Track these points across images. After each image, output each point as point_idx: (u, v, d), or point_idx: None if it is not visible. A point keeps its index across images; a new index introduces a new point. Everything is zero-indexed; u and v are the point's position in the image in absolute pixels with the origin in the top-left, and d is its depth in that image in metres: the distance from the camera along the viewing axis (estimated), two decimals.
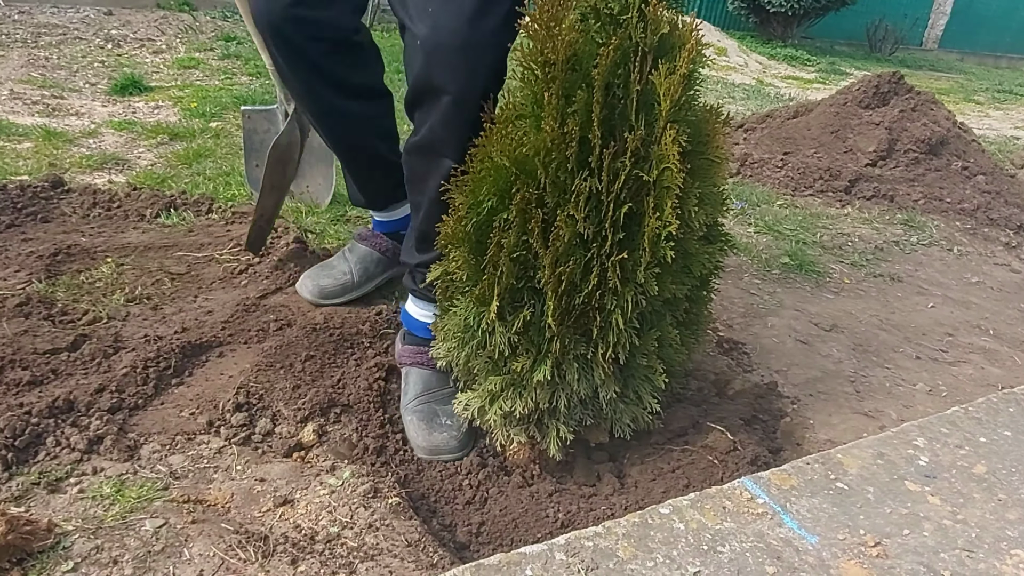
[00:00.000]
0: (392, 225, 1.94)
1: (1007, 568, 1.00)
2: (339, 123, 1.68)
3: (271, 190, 1.88)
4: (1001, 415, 1.40)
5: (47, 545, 1.02)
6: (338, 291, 1.84)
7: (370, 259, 1.90)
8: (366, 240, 1.91)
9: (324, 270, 1.87)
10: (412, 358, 1.59)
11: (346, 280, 1.85)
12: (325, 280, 1.83)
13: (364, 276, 1.88)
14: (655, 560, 0.92)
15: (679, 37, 1.20)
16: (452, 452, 1.45)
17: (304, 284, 1.84)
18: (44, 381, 1.39)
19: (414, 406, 1.51)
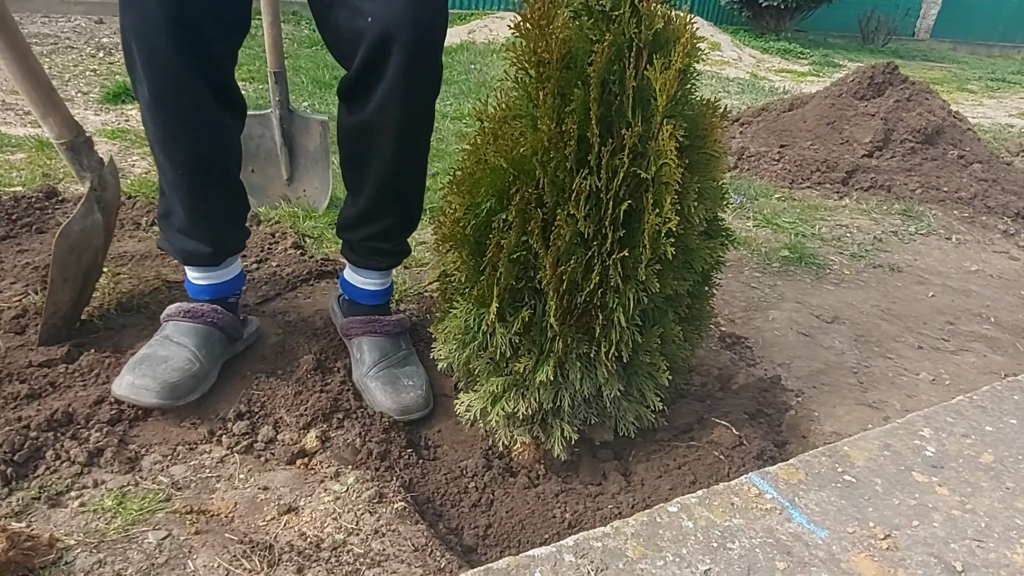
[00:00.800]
0: (223, 288, 1.55)
1: (1018, 557, 0.99)
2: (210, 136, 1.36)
3: (64, 283, 1.48)
4: (1006, 403, 1.40)
5: (49, 561, 1.01)
6: (191, 384, 1.38)
7: (213, 339, 1.48)
8: (199, 317, 1.48)
9: (158, 363, 1.37)
10: (363, 327, 1.59)
11: (197, 369, 1.40)
12: (170, 374, 1.35)
13: (212, 361, 1.47)
14: (665, 559, 0.91)
15: (673, 32, 1.19)
16: (421, 409, 1.50)
17: (138, 385, 1.33)
18: (42, 394, 1.38)
19: (375, 373, 1.52)
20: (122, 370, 1.38)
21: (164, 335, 1.46)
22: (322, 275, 2.04)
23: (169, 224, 1.47)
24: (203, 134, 1.34)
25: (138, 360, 1.39)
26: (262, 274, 1.98)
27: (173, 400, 1.35)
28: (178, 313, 1.49)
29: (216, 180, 1.42)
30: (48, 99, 1.45)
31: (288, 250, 2.15)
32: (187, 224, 1.44)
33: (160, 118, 1.29)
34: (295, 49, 5.75)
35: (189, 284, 1.55)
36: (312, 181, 2.55)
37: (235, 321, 1.55)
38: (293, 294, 1.92)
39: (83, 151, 1.51)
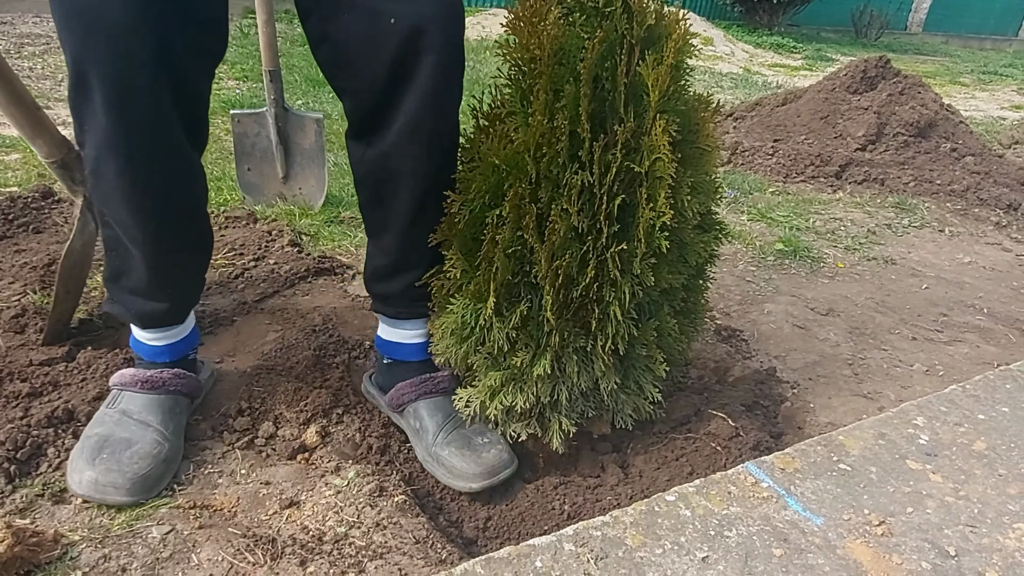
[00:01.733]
0: (184, 345, 1.37)
1: (1010, 542, 1.01)
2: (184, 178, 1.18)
3: (67, 295, 1.51)
4: (998, 392, 1.41)
5: (54, 556, 1.02)
6: (162, 470, 1.19)
7: (178, 410, 1.30)
8: (161, 387, 1.29)
9: (118, 450, 1.17)
10: (417, 390, 1.39)
11: (167, 452, 1.21)
12: (139, 464, 1.16)
13: (178, 435, 1.28)
14: (663, 547, 0.93)
15: (665, 27, 1.20)
16: (508, 466, 1.33)
17: (102, 482, 1.13)
18: (43, 392, 1.38)
19: (444, 440, 1.34)
20: (77, 458, 1.17)
21: (121, 409, 1.26)
22: (319, 272, 2.05)
23: (122, 286, 1.26)
24: (177, 178, 1.16)
25: (95, 446, 1.18)
26: (260, 272, 1.99)
27: (144, 494, 1.15)
28: (134, 383, 1.28)
29: (186, 226, 1.23)
30: (36, 121, 1.42)
31: (285, 248, 2.16)
32: (149, 283, 1.23)
33: (126, 166, 1.07)
34: (288, 48, 5.75)
35: (141, 346, 1.33)
36: (308, 179, 2.56)
37: (197, 381, 1.36)
38: (291, 291, 1.93)
39: (74, 166, 1.48)
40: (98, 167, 1.09)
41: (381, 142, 1.20)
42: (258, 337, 1.68)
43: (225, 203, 2.49)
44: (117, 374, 1.32)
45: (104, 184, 1.11)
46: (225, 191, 2.58)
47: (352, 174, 1.32)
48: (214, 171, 2.81)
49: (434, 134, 1.20)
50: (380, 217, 1.32)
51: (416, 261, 1.33)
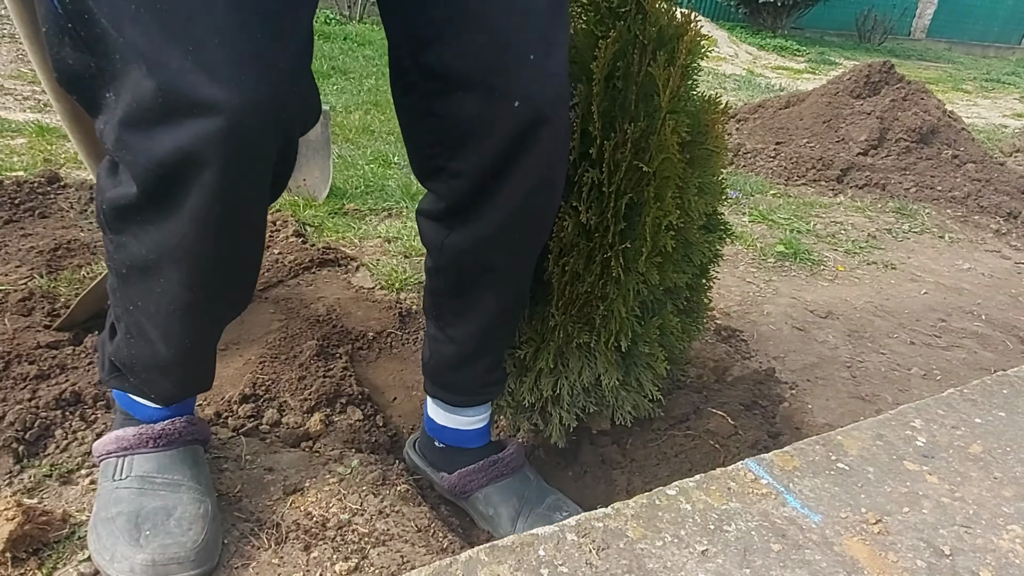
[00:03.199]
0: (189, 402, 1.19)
1: (1004, 543, 1.02)
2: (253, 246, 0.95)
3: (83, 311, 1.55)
4: (995, 397, 1.43)
5: (63, 535, 1.03)
6: (216, 530, 1.04)
7: (200, 460, 1.14)
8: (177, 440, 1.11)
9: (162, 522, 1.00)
10: (487, 475, 1.26)
11: (210, 507, 1.05)
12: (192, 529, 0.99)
13: (210, 487, 1.11)
14: (664, 539, 0.94)
15: (677, 29, 1.22)
16: None
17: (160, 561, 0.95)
18: (50, 375, 1.39)
19: (523, 527, 1.20)
20: (112, 546, 0.97)
21: (137, 476, 1.05)
22: (323, 263, 2.06)
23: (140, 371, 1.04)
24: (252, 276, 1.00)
25: (130, 524, 0.99)
26: (264, 262, 2.00)
27: (212, 563, 0.99)
28: (142, 443, 1.08)
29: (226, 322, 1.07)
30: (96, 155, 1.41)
31: (289, 238, 2.17)
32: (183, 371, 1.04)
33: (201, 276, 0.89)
34: None
35: (141, 409, 1.12)
36: (312, 171, 2.57)
37: (206, 425, 1.20)
38: (295, 281, 1.94)
39: None
40: (154, 269, 0.89)
41: (482, 226, 1.04)
42: (262, 326, 1.69)
43: None
44: (108, 439, 1.10)
45: (153, 291, 0.91)
46: None
47: (428, 258, 1.15)
48: None
49: (540, 219, 1.09)
50: (460, 307, 1.16)
51: (488, 350, 1.20)
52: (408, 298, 1.93)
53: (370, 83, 4.76)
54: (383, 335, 1.75)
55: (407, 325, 1.82)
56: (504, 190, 1.00)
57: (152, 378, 1.04)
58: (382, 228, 2.39)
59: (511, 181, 0.99)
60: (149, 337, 0.98)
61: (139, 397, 1.10)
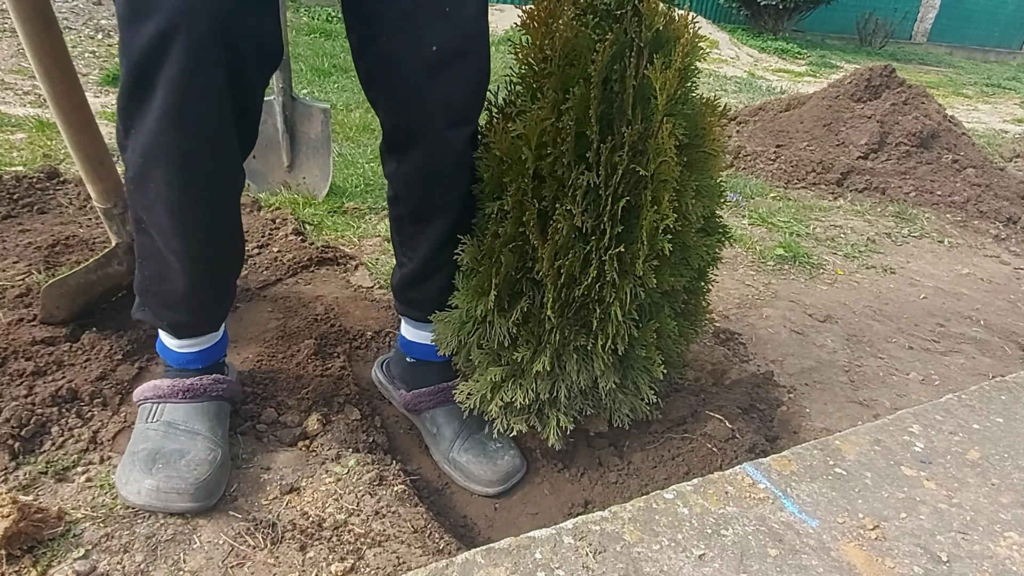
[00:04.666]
0: (216, 351, 1.34)
1: (1001, 549, 1.02)
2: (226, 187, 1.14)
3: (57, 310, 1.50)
4: (993, 403, 1.43)
5: (57, 533, 1.03)
6: (220, 477, 1.16)
7: (223, 415, 1.29)
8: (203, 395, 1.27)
9: (174, 461, 1.14)
10: (435, 399, 1.45)
11: (220, 456, 1.19)
12: (198, 470, 1.13)
13: (226, 439, 1.26)
14: (660, 543, 0.94)
15: (675, 31, 1.21)
16: (520, 471, 1.40)
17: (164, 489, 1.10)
18: (47, 371, 1.39)
19: (461, 447, 1.40)
20: (128, 471, 1.13)
21: (165, 422, 1.22)
22: (322, 262, 2.06)
23: (156, 295, 1.22)
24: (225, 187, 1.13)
25: (148, 458, 1.14)
26: (263, 259, 2.00)
27: (208, 501, 1.12)
28: (174, 393, 1.25)
29: (227, 235, 1.21)
30: (93, 170, 1.44)
31: (289, 236, 2.16)
32: (186, 293, 1.20)
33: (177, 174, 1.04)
34: (294, 37, 5.75)
35: (171, 353, 1.30)
36: (312, 169, 2.56)
37: (238, 385, 1.36)
38: (293, 280, 1.94)
39: (116, 220, 1.51)
40: (144, 174, 1.05)
41: (413, 156, 1.22)
42: (260, 324, 1.69)
43: None
44: (147, 387, 1.27)
45: (148, 192, 1.07)
46: None
47: (388, 187, 1.34)
48: None
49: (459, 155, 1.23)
50: (415, 231, 1.33)
51: (444, 266, 1.34)
52: None
53: None
54: (381, 334, 1.75)
55: None
56: (425, 125, 1.17)
57: (159, 308, 1.23)
58: (381, 227, 2.39)
59: (428, 119, 1.17)
60: (156, 255, 1.17)
61: (159, 329, 1.29)
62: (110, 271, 1.55)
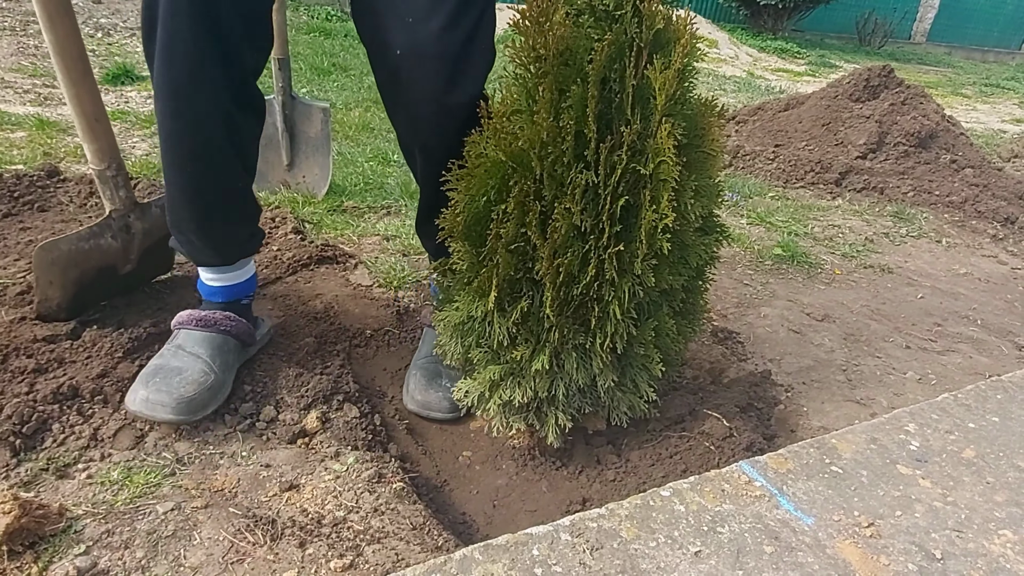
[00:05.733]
0: (237, 290, 1.51)
1: (995, 547, 1.03)
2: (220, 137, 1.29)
3: (49, 285, 1.48)
4: (989, 402, 1.44)
5: (59, 529, 1.03)
6: (207, 397, 1.33)
7: (227, 348, 1.44)
8: (212, 326, 1.44)
9: (171, 376, 1.32)
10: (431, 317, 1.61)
11: (212, 381, 1.35)
12: (185, 388, 1.30)
13: (226, 369, 1.41)
14: (657, 540, 0.95)
15: (674, 32, 1.22)
16: (442, 412, 1.53)
17: (153, 400, 1.27)
18: (48, 369, 1.40)
19: (422, 363, 1.58)
20: (135, 383, 1.31)
21: (176, 344, 1.40)
22: (322, 260, 2.06)
23: (176, 223, 1.40)
24: (213, 133, 1.26)
25: (151, 372, 1.32)
26: (263, 258, 2.00)
27: (189, 415, 1.28)
28: (190, 321, 1.43)
29: (221, 183, 1.34)
30: (89, 127, 1.46)
31: (288, 235, 2.17)
32: (192, 225, 1.37)
33: (170, 107, 1.22)
34: (293, 36, 5.75)
35: (202, 284, 1.50)
36: (312, 168, 2.57)
37: (248, 327, 1.49)
38: (293, 278, 1.95)
39: (110, 184, 1.52)
40: (155, 103, 1.25)
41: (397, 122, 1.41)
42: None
43: None
44: (180, 315, 1.46)
45: (157, 120, 1.27)
46: None
47: None
48: None
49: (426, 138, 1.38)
50: (413, 171, 1.50)
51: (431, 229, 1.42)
52: (406, 296, 1.93)
53: (370, 80, 4.75)
54: (380, 332, 1.76)
55: (405, 323, 1.82)
56: (398, 107, 1.37)
57: (179, 235, 1.42)
58: (381, 226, 2.40)
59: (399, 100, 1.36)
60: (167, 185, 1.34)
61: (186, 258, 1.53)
62: (103, 243, 1.54)
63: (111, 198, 1.54)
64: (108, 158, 1.50)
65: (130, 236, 1.59)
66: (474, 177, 1.26)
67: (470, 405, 1.42)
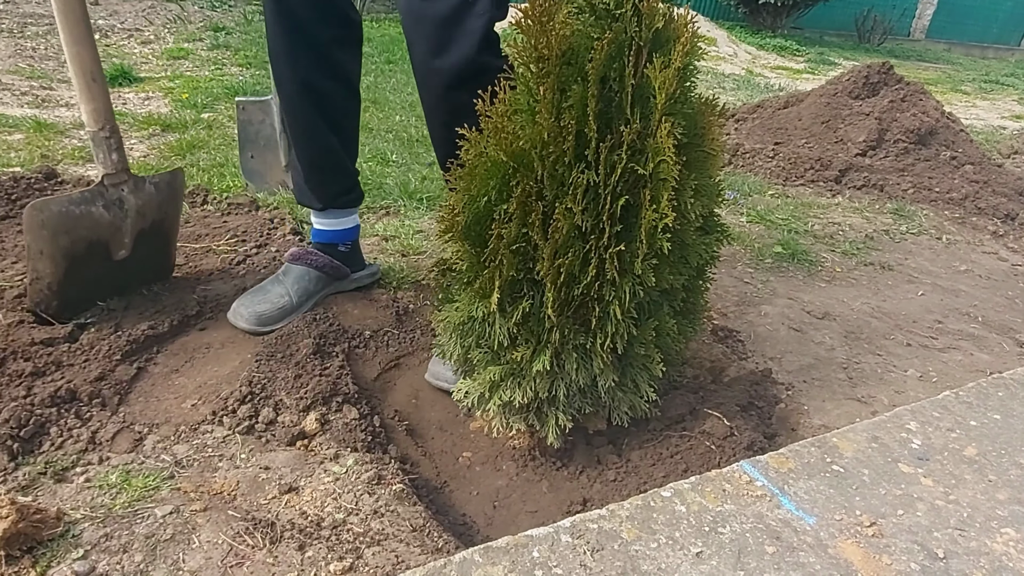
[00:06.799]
0: (333, 235, 1.84)
1: (997, 546, 1.03)
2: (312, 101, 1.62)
3: (40, 255, 1.48)
4: (991, 399, 1.43)
5: (56, 533, 1.03)
6: (276, 315, 1.67)
7: (307, 278, 1.78)
8: (300, 260, 1.79)
9: (258, 295, 1.70)
10: None
11: (284, 303, 1.70)
12: (262, 306, 1.66)
13: (304, 296, 1.76)
14: (658, 541, 0.94)
15: (674, 30, 1.21)
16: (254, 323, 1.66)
17: (238, 312, 1.66)
18: (46, 372, 1.39)
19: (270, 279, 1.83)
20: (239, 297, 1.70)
21: (279, 273, 1.79)
22: None
23: (293, 169, 1.80)
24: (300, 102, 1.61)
25: (251, 291, 1.73)
26: (261, 259, 2.00)
27: (259, 327, 1.63)
28: (289, 255, 1.82)
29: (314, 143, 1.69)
30: (87, 87, 1.50)
31: (287, 236, 2.17)
32: (301, 175, 1.76)
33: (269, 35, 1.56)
34: None
35: (312, 229, 1.88)
36: None
37: (337, 265, 1.83)
38: None
39: (103, 146, 1.54)
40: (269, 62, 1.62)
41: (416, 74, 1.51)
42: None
43: (228, 189, 2.49)
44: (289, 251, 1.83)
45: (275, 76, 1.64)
46: (228, 177, 2.59)
47: None
48: (217, 157, 2.81)
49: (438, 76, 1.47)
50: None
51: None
52: (405, 296, 1.93)
53: (368, 80, 4.75)
54: (380, 333, 1.75)
55: (404, 324, 1.82)
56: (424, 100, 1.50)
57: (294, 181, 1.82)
58: (379, 226, 2.39)
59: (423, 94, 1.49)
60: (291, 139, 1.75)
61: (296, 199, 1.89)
62: (94, 212, 1.53)
63: (104, 161, 1.55)
64: (103, 119, 1.53)
65: (123, 213, 1.59)
66: (474, 177, 1.25)
67: (470, 406, 1.41)
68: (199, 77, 4.14)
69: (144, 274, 1.72)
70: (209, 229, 2.15)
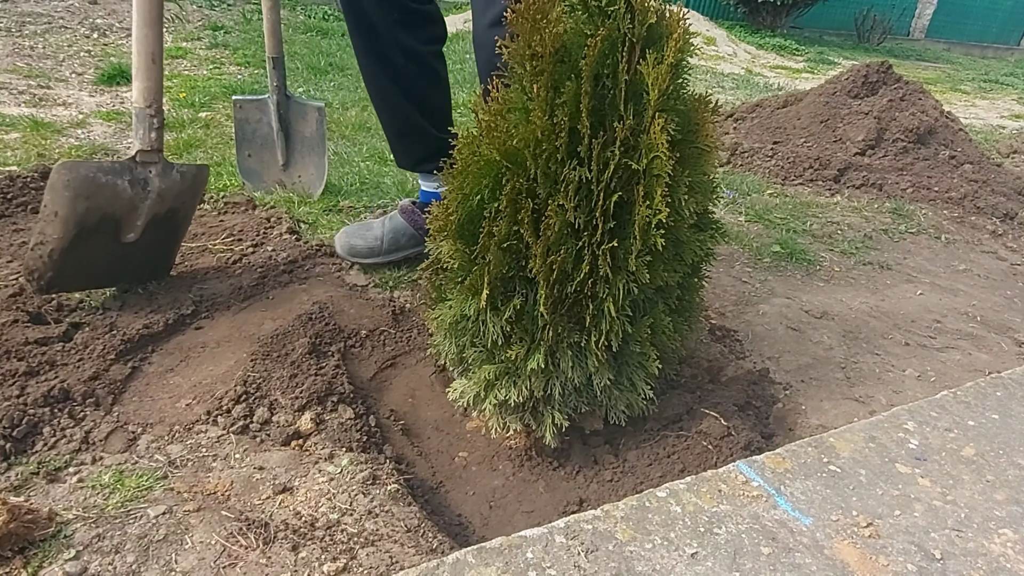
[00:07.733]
0: (429, 195, 2.09)
1: (995, 547, 1.02)
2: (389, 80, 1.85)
3: (54, 217, 1.47)
4: (989, 399, 1.43)
5: (48, 534, 1.02)
6: (364, 253, 1.99)
7: (402, 232, 2.02)
8: (405, 213, 2.04)
9: (361, 230, 2.01)
10: None
11: (375, 245, 1.99)
12: (357, 240, 1.98)
13: (393, 246, 2.01)
14: (653, 542, 0.94)
15: (666, 27, 1.21)
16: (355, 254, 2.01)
17: (340, 239, 2.00)
18: (39, 371, 1.39)
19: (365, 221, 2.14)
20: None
21: (388, 215, 2.08)
22: (317, 260, 2.05)
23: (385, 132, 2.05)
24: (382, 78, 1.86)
25: (358, 223, 2.07)
26: (257, 258, 1.99)
27: (348, 256, 2.01)
28: (400, 206, 2.09)
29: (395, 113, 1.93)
30: (145, 66, 1.58)
31: (283, 235, 2.16)
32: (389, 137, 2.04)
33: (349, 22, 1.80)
34: (290, 35, 5.73)
35: (420, 189, 2.16)
36: (308, 167, 2.55)
37: (415, 214, 2.05)
38: (288, 279, 1.93)
39: (145, 122, 1.59)
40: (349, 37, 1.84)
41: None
42: (255, 323, 1.68)
43: (224, 189, 2.48)
44: None
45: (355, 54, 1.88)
46: (225, 176, 2.58)
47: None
48: (214, 156, 2.80)
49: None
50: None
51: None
52: (401, 296, 1.92)
53: None
54: (376, 333, 1.75)
55: (400, 323, 1.81)
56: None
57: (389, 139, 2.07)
58: None
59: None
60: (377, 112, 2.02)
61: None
62: (119, 185, 1.55)
63: (143, 138, 1.59)
64: (152, 98, 1.59)
65: (144, 194, 1.60)
66: (467, 176, 1.24)
67: (466, 405, 1.40)
68: (197, 76, 4.13)
69: (142, 270, 1.71)
70: (205, 228, 2.14)
